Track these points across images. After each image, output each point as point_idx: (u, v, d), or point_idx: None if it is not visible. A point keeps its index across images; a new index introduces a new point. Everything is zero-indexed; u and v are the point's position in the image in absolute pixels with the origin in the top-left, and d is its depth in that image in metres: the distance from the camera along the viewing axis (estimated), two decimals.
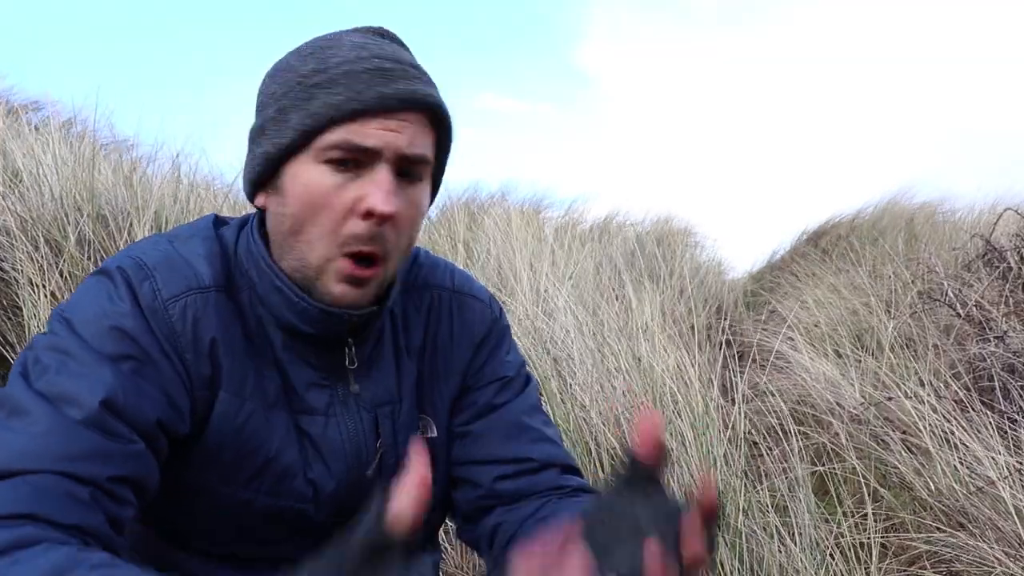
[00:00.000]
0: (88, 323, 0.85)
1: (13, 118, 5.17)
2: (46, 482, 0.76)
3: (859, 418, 2.86)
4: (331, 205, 0.87)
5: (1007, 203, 5.54)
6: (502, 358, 1.11)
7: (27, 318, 2.60)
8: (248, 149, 0.95)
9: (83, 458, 0.78)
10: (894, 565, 2.15)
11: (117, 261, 0.92)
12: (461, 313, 1.09)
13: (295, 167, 0.89)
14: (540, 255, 4.13)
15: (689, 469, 2.14)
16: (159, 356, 0.87)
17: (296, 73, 0.89)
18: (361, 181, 0.87)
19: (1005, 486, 2.03)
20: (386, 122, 0.86)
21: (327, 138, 0.86)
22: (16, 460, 0.76)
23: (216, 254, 0.95)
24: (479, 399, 1.07)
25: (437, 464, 1.06)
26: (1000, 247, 3.68)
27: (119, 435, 0.82)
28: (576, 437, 2.33)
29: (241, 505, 0.95)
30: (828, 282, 4.98)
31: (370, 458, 1.00)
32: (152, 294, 0.89)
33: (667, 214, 8.08)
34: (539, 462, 1.05)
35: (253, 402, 0.94)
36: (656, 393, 2.44)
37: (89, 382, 0.82)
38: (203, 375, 0.91)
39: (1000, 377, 2.69)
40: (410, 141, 0.88)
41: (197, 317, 0.90)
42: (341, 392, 0.99)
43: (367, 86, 0.86)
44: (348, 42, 0.90)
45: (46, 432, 0.78)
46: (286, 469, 0.95)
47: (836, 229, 7.66)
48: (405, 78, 0.88)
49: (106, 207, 3.30)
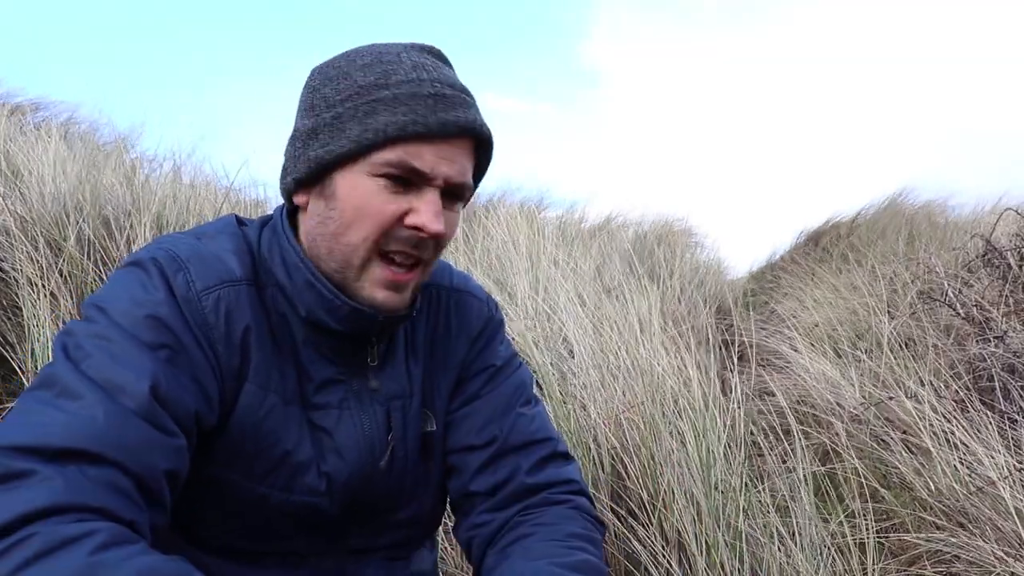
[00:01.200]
0: (124, 312, 0.87)
1: (13, 118, 5.17)
2: (106, 475, 0.76)
3: (859, 418, 2.86)
4: (381, 212, 0.91)
5: (1007, 203, 5.55)
6: (493, 349, 1.14)
7: (27, 318, 2.59)
8: (293, 147, 0.96)
9: (137, 449, 0.79)
10: (894, 565, 2.16)
11: (150, 252, 0.93)
12: (459, 310, 1.12)
13: (348, 175, 0.91)
14: (540, 255, 4.13)
15: (689, 469, 2.14)
16: (193, 345, 0.89)
17: (355, 83, 0.91)
18: (410, 197, 0.91)
19: (1005, 486, 2.03)
20: (442, 148, 0.90)
21: (385, 155, 0.89)
22: (76, 439, 0.76)
23: (244, 251, 0.98)
24: (468, 388, 1.11)
25: (435, 457, 1.09)
26: (1000, 247, 3.68)
27: (166, 428, 0.83)
28: (576, 437, 2.33)
29: (257, 499, 0.96)
30: (828, 282, 4.98)
31: (382, 451, 1.03)
32: (186, 285, 0.91)
33: (667, 214, 8.09)
34: (512, 444, 1.07)
35: (275, 396, 0.96)
36: (656, 393, 2.44)
37: (135, 370, 0.83)
38: (233, 367, 0.93)
39: (1000, 377, 2.69)
40: (461, 170, 0.93)
41: (230, 309, 0.92)
42: (356, 387, 1.01)
43: (430, 111, 0.89)
44: (408, 61, 0.92)
45: (103, 417, 0.79)
46: (300, 463, 0.97)
47: (836, 229, 7.67)
48: (463, 106, 0.92)
49: (106, 207, 3.30)
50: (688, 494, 2.07)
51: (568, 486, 1.07)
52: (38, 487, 0.73)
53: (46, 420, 0.78)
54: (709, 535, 1.97)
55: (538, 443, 1.09)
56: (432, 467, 1.09)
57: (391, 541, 1.09)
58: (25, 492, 0.72)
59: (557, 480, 1.07)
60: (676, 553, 2.02)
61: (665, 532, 2.05)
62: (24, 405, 0.81)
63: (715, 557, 1.95)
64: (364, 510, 1.04)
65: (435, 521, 1.17)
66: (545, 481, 1.06)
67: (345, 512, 1.02)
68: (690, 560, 1.98)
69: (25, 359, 2.55)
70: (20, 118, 5.43)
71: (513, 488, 1.05)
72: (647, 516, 2.10)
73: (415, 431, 1.06)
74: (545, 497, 1.05)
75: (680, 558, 2.02)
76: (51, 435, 0.76)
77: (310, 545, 1.03)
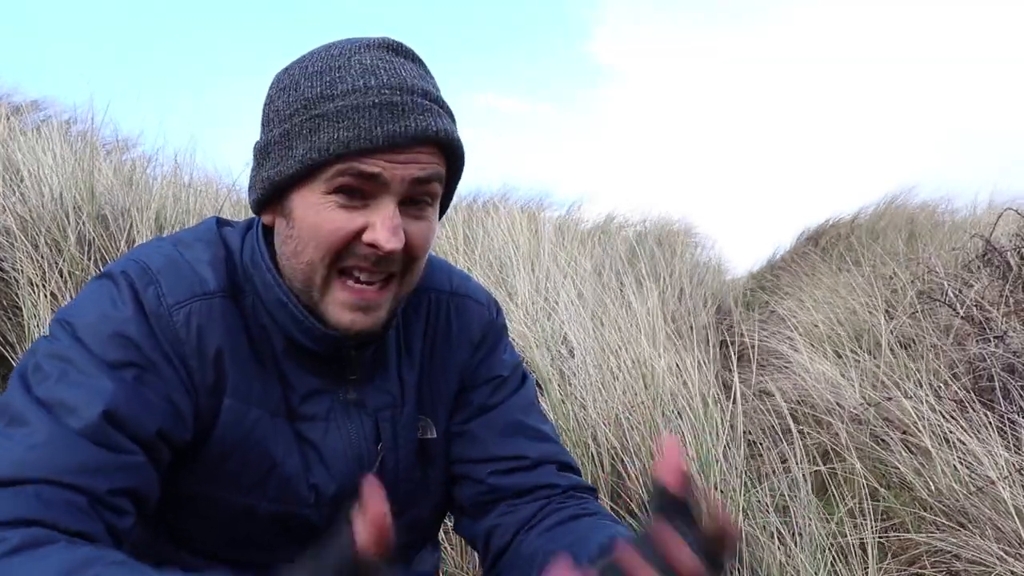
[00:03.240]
0: (90, 328, 0.85)
1: (14, 118, 5.17)
2: (47, 492, 0.75)
3: (859, 418, 2.86)
4: (336, 231, 0.87)
5: (1007, 203, 5.55)
6: (498, 357, 1.12)
7: (27, 318, 2.59)
8: (254, 163, 0.94)
9: (81, 470, 0.78)
10: (894, 565, 2.16)
11: (121, 265, 0.91)
12: (459, 315, 1.10)
13: (302, 195, 0.88)
14: (540, 255, 4.13)
15: (689, 469, 2.14)
16: (162, 362, 0.87)
17: (302, 95, 0.87)
18: (367, 212, 0.86)
19: (1005, 486, 2.03)
20: (394, 156, 0.85)
21: (332, 171, 0.85)
22: (15, 469, 0.76)
23: (221, 259, 0.95)
24: (475, 398, 1.08)
25: (435, 463, 1.07)
26: (1000, 247, 3.68)
27: (118, 447, 0.81)
28: (576, 437, 2.33)
29: (243, 511, 0.95)
30: (828, 282, 4.98)
31: (371, 461, 1.01)
32: (157, 299, 0.88)
33: (668, 214, 8.10)
34: (534, 459, 1.06)
35: (259, 409, 0.93)
36: (656, 393, 2.44)
37: (89, 392, 0.81)
38: (207, 382, 0.91)
39: (1000, 377, 2.69)
40: (420, 168, 0.87)
41: (201, 325, 0.90)
42: (342, 397, 0.99)
43: (375, 123, 0.84)
44: (358, 64, 0.87)
45: (45, 442, 0.78)
46: (289, 476, 0.95)
47: (836, 229, 7.66)
48: (415, 111, 0.86)
49: (106, 207, 3.29)
50: None
51: (587, 492, 1.07)
52: None
53: None
54: None
55: (551, 460, 1.07)
56: (432, 474, 1.07)
57: None
58: None
59: (576, 485, 1.07)
60: None
61: None
62: None
63: None
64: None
65: (435, 526, 1.16)
66: (565, 484, 1.06)
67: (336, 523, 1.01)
68: None
69: None
70: (20, 118, 5.43)
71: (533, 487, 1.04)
72: (647, 516, 2.10)
73: (408, 439, 1.03)
74: (567, 495, 1.05)
75: None
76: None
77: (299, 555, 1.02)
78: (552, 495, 1.04)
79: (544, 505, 1.03)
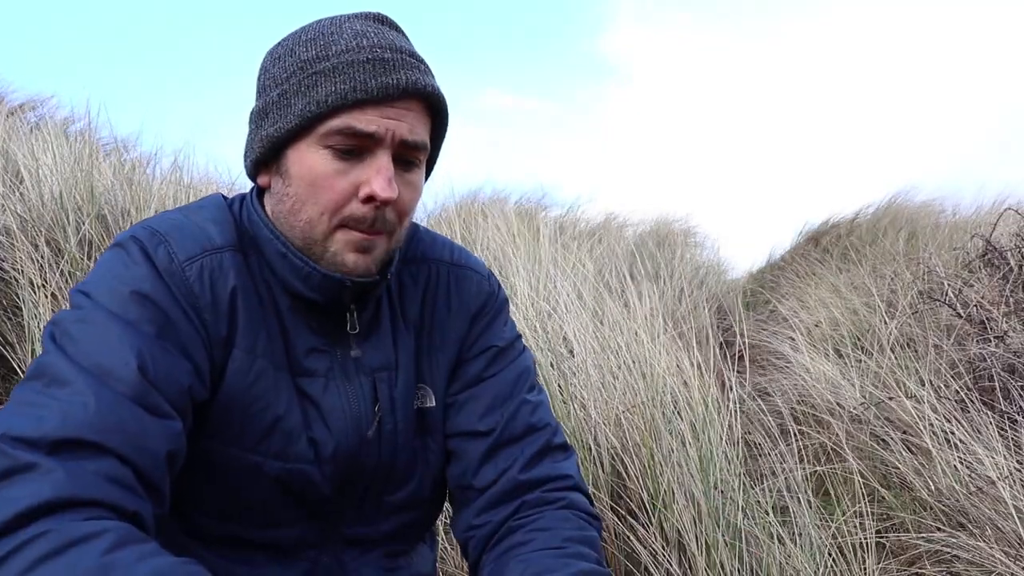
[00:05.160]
0: (108, 292, 0.87)
1: (13, 118, 5.17)
2: (106, 466, 0.76)
3: (859, 418, 2.86)
4: (332, 187, 0.91)
5: (1007, 203, 5.55)
6: (497, 330, 1.13)
7: (27, 318, 2.59)
8: (250, 130, 0.98)
9: (133, 436, 0.79)
10: (894, 565, 2.15)
11: (129, 232, 0.94)
12: (459, 286, 1.12)
13: (298, 151, 0.92)
14: (540, 255, 4.13)
15: (689, 469, 2.14)
16: (179, 317, 0.90)
17: (298, 58, 0.92)
18: (362, 167, 0.91)
19: (1005, 486, 2.03)
20: (387, 110, 0.90)
21: (330, 124, 0.90)
22: (72, 428, 0.76)
23: (227, 220, 0.99)
24: (470, 369, 1.10)
25: (434, 433, 1.08)
26: (1000, 247, 3.68)
27: (159, 411, 0.83)
28: (576, 437, 2.33)
29: (250, 471, 0.96)
30: (828, 282, 4.98)
31: (368, 422, 1.02)
32: (168, 257, 0.91)
33: (668, 214, 8.10)
34: (517, 433, 1.06)
35: (263, 360, 0.96)
36: (656, 393, 2.44)
37: (122, 352, 0.82)
38: (220, 335, 0.93)
39: (1000, 377, 2.69)
40: (410, 128, 0.92)
41: (214, 277, 0.93)
42: (340, 356, 1.01)
43: (369, 76, 0.89)
44: (349, 29, 0.93)
45: (95, 403, 0.78)
46: (291, 429, 0.97)
47: (836, 229, 7.67)
48: (405, 67, 0.91)
49: (106, 207, 3.29)
50: (688, 494, 2.07)
51: (563, 481, 1.06)
52: (40, 481, 0.72)
53: (41, 411, 0.77)
54: (709, 535, 1.97)
55: (538, 432, 1.08)
56: (431, 445, 1.08)
57: (389, 530, 1.08)
58: (28, 486, 0.72)
59: (553, 476, 1.06)
60: (676, 553, 2.02)
61: (665, 532, 2.05)
62: (18, 397, 0.80)
63: (715, 557, 1.95)
64: (357, 487, 1.04)
65: (435, 508, 1.15)
66: (541, 477, 1.05)
67: (339, 490, 1.02)
68: (690, 560, 1.98)
69: (25, 359, 2.55)
70: (20, 117, 5.43)
71: (509, 484, 1.04)
72: (647, 516, 2.10)
73: (406, 406, 1.05)
74: (541, 496, 1.04)
75: (680, 558, 2.02)
76: (47, 425, 0.75)
77: (306, 532, 1.03)
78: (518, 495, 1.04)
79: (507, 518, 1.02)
